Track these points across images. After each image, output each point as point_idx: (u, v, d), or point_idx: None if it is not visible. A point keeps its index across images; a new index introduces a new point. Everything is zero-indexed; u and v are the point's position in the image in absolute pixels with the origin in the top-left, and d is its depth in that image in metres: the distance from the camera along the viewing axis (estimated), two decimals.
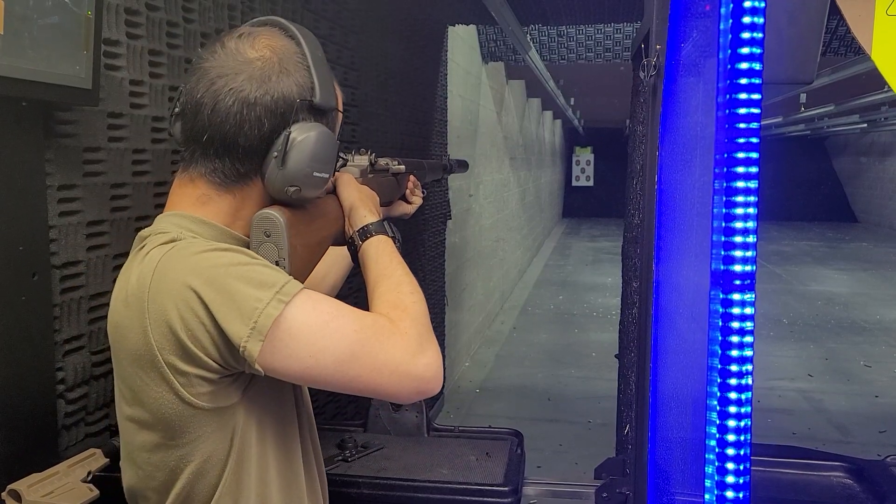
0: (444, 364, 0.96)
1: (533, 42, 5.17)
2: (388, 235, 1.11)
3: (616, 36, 5.26)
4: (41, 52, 1.14)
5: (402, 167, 1.38)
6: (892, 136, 15.59)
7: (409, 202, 1.46)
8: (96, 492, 1.21)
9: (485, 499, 1.38)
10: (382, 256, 1.06)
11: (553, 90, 8.09)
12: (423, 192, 1.50)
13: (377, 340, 0.90)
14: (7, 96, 1.12)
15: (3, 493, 1.15)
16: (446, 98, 4.62)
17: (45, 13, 1.14)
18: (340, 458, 1.54)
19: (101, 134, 1.39)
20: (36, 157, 1.24)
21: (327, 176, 1.01)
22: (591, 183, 19.33)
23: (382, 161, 1.34)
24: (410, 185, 1.46)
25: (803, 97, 9.29)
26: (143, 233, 0.98)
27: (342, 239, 1.14)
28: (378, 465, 1.51)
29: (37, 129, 1.23)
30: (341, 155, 1.17)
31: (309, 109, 0.97)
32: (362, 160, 1.27)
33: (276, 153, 0.94)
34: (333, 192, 1.16)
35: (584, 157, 19.35)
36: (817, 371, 5.82)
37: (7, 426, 1.19)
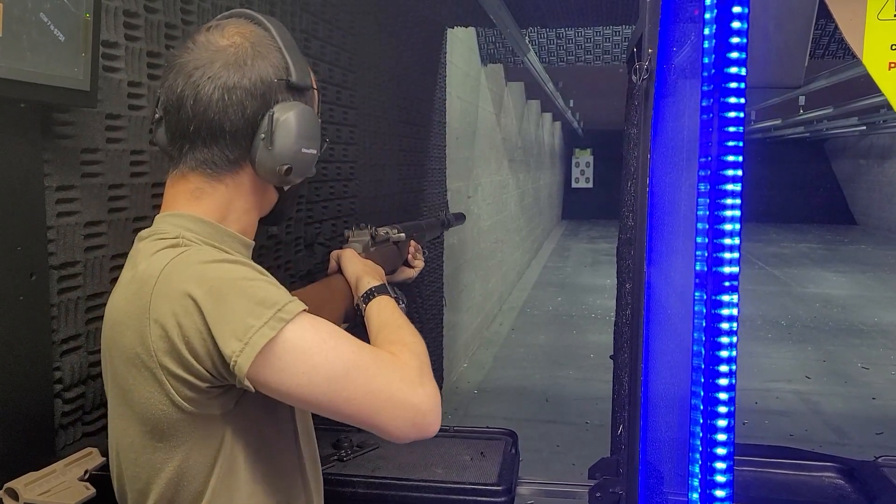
0: (439, 368, 0.98)
1: (531, 44, 5.18)
2: (391, 296, 1.15)
3: (614, 38, 5.27)
4: (40, 54, 1.15)
5: (402, 234, 1.43)
6: (890, 139, 15.60)
7: (411, 266, 1.51)
8: (93, 490, 1.22)
9: (478, 498, 1.39)
10: (385, 311, 1.09)
11: (552, 92, 8.10)
12: (424, 254, 1.56)
13: (375, 365, 0.89)
14: (5, 98, 1.13)
15: (1, 492, 1.16)
16: (445, 100, 4.63)
17: (44, 15, 1.15)
18: (336, 457, 1.55)
19: (99, 135, 1.40)
20: (34, 158, 1.25)
21: (315, 152, 1.02)
22: (590, 185, 19.34)
23: (382, 231, 1.38)
24: (412, 249, 1.51)
25: (802, 99, 9.29)
26: (142, 233, 0.99)
27: (352, 314, 1.19)
28: (373, 465, 1.52)
29: (35, 130, 1.24)
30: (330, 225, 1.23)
31: (287, 89, 0.98)
32: (363, 235, 1.31)
33: (263, 135, 0.95)
34: (339, 270, 1.21)
35: (584, 159, 19.36)
36: (815, 373, 5.83)
37: (4, 425, 1.20)
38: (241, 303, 0.85)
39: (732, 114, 0.68)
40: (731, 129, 0.68)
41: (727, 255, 0.72)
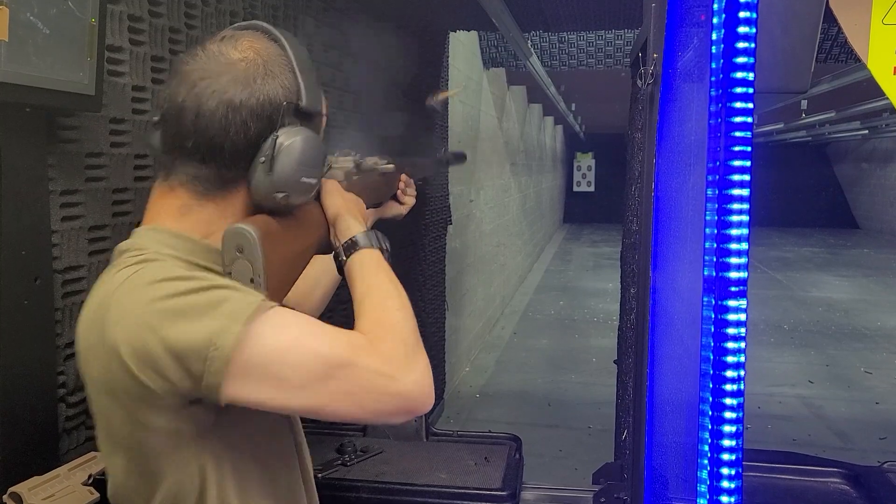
0: (441, 372, 0.94)
1: (534, 48, 5.19)
2: (375, 247, 1.04)
3: (617, 42, 5.27)
4: (45, 59, 1.15)
5: (391, 167, 1.32)
6: (893, 143, 15.58)
7: (401, 202, 1.40)
8: (96, 494, 1.22)
9: (483, 503, 1.38)
10: (368, 269, 1.00)
11: (554, 96, 8.10)
12: (418, 185, 1.44)
13: (354, 360, 0.84)
14: (11, 102, 1.13)
15: (5, 496, 1.16)
16: (447, 103, 4.63)
17: (49, 20, 1.15)
18: (340, 462, 1.55)
19: (103, 139, 1.40)
20: (39, 163, 1.25)
21: (315, 182, 0.98)
22: (592, 188, 19.36)
23: (370, 160, 1.28)
24: (402, 184, 1.39)
25: (804, 103, 9.30)
26: (121, 246, 0.94)
27: (327, 247, 1.09)
28: (377, 470, 1.52)
29: (40, 134, 1.24)
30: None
31: (295, 113, 0.94)
32: (346, 162, 1.21)
33: (263, 158, 0.91)
34: (316, 198, 1.10)
35: (586, 163, 19.40)
36: (818, 377, 5.81)
37: (8, 429, 1.20)
38: (201, 317, 0.80)
39: (740, 119, 0.67)
40: (739, 133, 0.68)
41: (734, 261, 0.71)
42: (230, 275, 0.90)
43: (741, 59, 0.68)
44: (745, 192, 0.68)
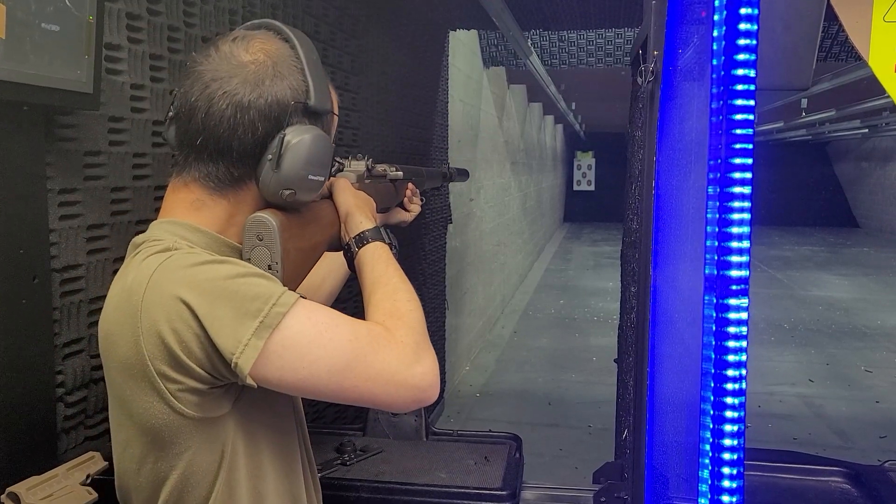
0: (442, 371, 0.96)
1: (534, 47, 5.18)
2: (384, 242, 1.10)
3: (617, 41, 5.27)
4: (43, 57, 1.14)
5: (400, 174, 1.37)
6: (893, 142, 15.58)
7: (406, 210, 1.45)
8: (95, 495, 1.22)
9: (483, 503, 1.38)
10: (378, 263, 1.05)
11: (554, 95, 8.10)
12: (421, 200, 1.49)
13: (372, 350, 0.89)
14: (8, 100, 1.13)
15: (3, 496, 1.15)
16: (447, 102, 4.63)
17: (46, 18, 1.14)
18: (339, 461, 1.54)
19: (101, 138, 1.40)
20: (37, 161, 1.24)
21: (322, 179, 1.01)
22: (592, 187, 19.38)
23: (380, 167, 1.33)
24: (409, 192, 1.45)
25: (804, 102, 9.30)
26: (136, 239, 0.97)
27: (337, 244, 1.14)
28: (377, 469, 1.51)
29: (38, 132, 1.24)
30: (337, 160, 1.15)
31: (304, 112, 0.97)
32: (359, 166, 1.26)
33: (270, 156, 0.94)
34: (329, 196, 1.16)
35: (586, 162, 19.42)
36: (818, 376, 5.81)
37: (6, 429, 1.19)
38: (236, 302, 0.85)
39: (741, 116, 0.67)
40: (740, 131, 0.68)
41: (736, 259, 0.71)
42: (249, 261, 0.96)
43: (742, 57, 0.68)
44: (746, 189, 0.68)
